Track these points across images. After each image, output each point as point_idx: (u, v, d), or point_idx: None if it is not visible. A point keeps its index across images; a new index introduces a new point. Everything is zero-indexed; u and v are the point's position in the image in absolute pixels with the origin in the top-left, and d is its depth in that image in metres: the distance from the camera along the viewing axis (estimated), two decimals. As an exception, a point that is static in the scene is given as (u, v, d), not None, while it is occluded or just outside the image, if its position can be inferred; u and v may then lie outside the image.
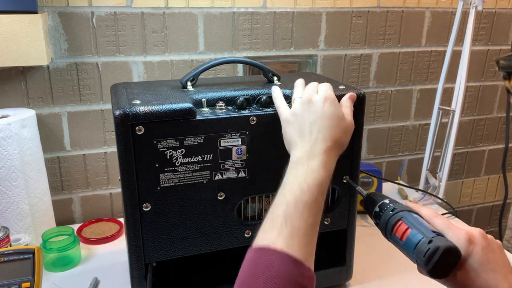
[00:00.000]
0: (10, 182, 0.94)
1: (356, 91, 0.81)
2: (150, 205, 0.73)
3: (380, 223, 0.63)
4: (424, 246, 0.54)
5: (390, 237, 0.60)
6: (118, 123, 0.67)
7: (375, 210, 0.65)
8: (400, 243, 0.58)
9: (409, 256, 0.58)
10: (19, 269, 0.78)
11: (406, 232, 0.57)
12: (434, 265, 0.53)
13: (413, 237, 0.56)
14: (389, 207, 0.63)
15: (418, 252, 0.55)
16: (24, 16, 0.93)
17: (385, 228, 0.61)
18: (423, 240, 0.55)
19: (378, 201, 0.65)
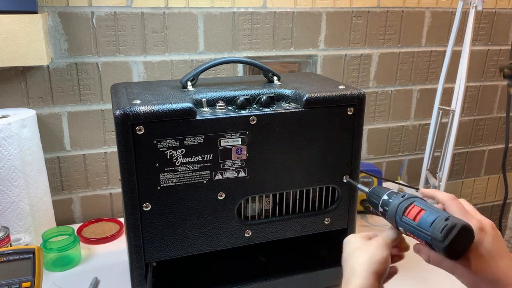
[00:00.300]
0: (10, 182, 0.94)
1: (356, 91, 0.81)
2: (150, 205, 0.73)
3: (390, 208, 0.62)
4: (441, 222, 0.54)
5: (401, 220, 0.60)
6: (118, 123, 0.67)
7: (383, 198, 0.64)
8: (413, 224, 0.57)
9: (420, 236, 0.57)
10: (19, 269, 0.78)
11: (420, 213, 0.57)
12: (451, 241, 0.52)
13: (427, 216, 0.56)
14: (399, 194, 0.63)
15: (434, 229, 0.54)
16: (24, 16, 0.93)
17: (395, 212, 0.61)
18: (439, 217, 0.55)
19: (386, 191, 0.65)
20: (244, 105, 0.76)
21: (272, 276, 0.87)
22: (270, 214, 0.83)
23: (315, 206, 0.85)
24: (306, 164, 0.80)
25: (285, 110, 0.76)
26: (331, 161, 0.82)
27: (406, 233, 0.60)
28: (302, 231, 0.85)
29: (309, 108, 0.77)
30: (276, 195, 0.82)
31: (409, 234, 0.59)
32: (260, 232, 0.82)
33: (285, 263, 0.91)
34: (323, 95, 0.78)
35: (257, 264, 0.92)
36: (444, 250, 0.53)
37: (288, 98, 0.81)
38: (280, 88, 0.83)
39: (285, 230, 0.84)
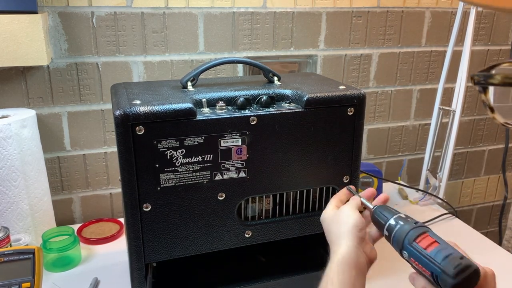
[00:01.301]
0: (10, 182, 0.94)
1: (356, 91, 0.81)
2: (150, 205, 0.73)
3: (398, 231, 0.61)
4: (457, 260, 0.53)
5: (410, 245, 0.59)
6: (119, 123, 0.67)
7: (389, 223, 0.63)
8: (424, 252, 0.56)
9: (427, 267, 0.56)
10: (19, 269, 0.78)
11: (433, 245, 0.56)
12: (462, 280, 0.52)
13: (442, 249, 0.55)
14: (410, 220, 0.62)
15: (447, 264, 0.53)
16: (24, 16, 0.93)
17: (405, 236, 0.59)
18: (454, 254, 0.54)
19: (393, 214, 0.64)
20: (244, 105, 0.76)
21: (272, 276, 0.87)
22: (270, 215, 0.83)
23: (315, 207, 0.85)
24: (306, 164, 0.80)
25: (285, 111, 0.76)
26: (331, 161, 0.82)
27: (410, 260, 0.59)
28: (302, 232, 0.85)
29: (310, 108, 0.77)
30: (276, 196, 0.82)
31: (413, 261, 0.58)
32: (260, 232, 0.82)
33: (285, 263, 0.91)
34: (323, 95, 0.78)
35: (257, 265, 0.92)
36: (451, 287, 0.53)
37: (289, 99, 0.81)
38: (280, 88, 0.83)
39: (285, 231, 0.84)
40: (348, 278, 0.62)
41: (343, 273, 0.62)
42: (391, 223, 0.63)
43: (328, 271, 0.63)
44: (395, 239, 0.61)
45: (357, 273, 0.63)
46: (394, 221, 0.63)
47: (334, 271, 0.62)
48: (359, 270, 0.63)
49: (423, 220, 1.16)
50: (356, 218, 0.67)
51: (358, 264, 0.63)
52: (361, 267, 0.64)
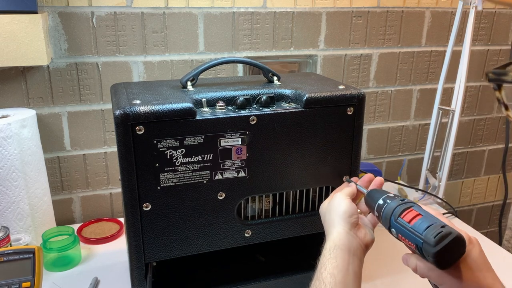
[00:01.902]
0: (10, 182, 0.94)
1: (356, 91, 0.81)
2: (150, 205, 0.73)
3: (386, 209, 0.62)
4: (436, 228, 0.53)
5: (395, 221, 0.59)
6: (119, 123, 0.67)
7: (378, 203, 0.64)
8: (407, 226, 0.57)
9: (411, 239, 0.56)
10: (19, 269, 0.78)
11: (416, 218, 0.57)
12: (442, 248, 0.52)
13: (423, 221, 0.56)
14: (397, 198, 0.63)
15: (428, 233, 0.53)
16: (24, 16, 0.93)
17: (391, 213, 0.61)
18: (435, 224, 0.54)
19: (382, 194, 0.65)
20: (244, 105, 0.76)
21: (272, 276, 0.87)
22: (270, 214, 0.83)
23: (315, 206, 0.85)
24: (306, 164, 0.80)
25: (285, 110, 0.76)
26: (331, 161, 0.82)
27: (398, 236, 0.59)
28: (302, 231, 0.85)
29: (309, 108, 0.77)
30: (276, 195, 0.82)
31: (400, 236, 0.59)
32: (260, 232, 0.82)
33: (285, 263, 0.91)
34: (323, 95, 0.78)
35: (257, 264, 0.92)
36: (433, 256, 0.53)
37: (288, 98, 0.81)
38: (280, 88, 0.83)
39: (285, 230, 0.84)
40: (341, 262, 0.62)
41: (335, 258, 0.63)
42: (380, 203, 0.64)
43: (322, 258, 0.64)
44: (384, 217, 0.62)
45: (350, 257, 0.64)
46: (382, 200, 0.64)
47: (327, 257, 0.63)
48: (352, 254, 0.64)
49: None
50: (346, 205, 0.69)
51: (350, 248, 0.65)
52: (354, 251, 0.65)
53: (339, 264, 0.62)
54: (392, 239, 0.64)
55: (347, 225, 0.67)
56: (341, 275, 0.61)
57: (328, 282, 0.60)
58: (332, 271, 0.61)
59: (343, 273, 0.61)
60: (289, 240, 0.85)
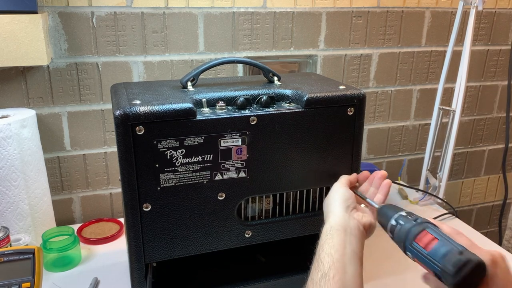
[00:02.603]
0: (10, 182, 0.94)
1: (356, 91, 0.81)
2: (150, 205, 0.73)
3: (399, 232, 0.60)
4: (455, 256, 0.52)
5: (410, 245, 0.58)
6: (119, 123, 0.67)
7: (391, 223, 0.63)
8: (423, 252, 0.55)
9: (429, 266, 0.55)
10: (19, 269, 0.78)
11: (432, 242, 0.55)
12: (463, 278, 0.50)
13: (441, 247, 0.54)
14: (411, 217, 0.61)
15: (446, 262, 0.52)
16: (24, 16, 0.93)
17: (405, 236, 0.59)
18: (454, 250, 0.53)
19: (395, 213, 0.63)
20: (244, 105, 0.76)
21: (272, 276, 0.87)
22: (270, 215, 0.83)
23: (315, 207, 0.85)
24: (306, 164, 0.80)
25: (285, 111, 0.76)
26: (331, 161, 0.82)
27: (414, 260, 0.58)
28: (302, 232, 0.85)
29: (309, 108, 0.77)
30: (276, 196, 0.82)
31: (416, 261, 0.57)
32: (260, 232, 0.82)
33: (285, 263, 0.91)
34: (323, 95, 0.78)
35: (257, 264, 0.92)
36: (453, 286, 0.51)
37: (288, 98, 0.81)
38: (280, 88, 0.83)
39: (285, 230, 0.84)
40: (337, 242, 0.63)
41: (332, 238, 0.64)
42: (392, 224, 0.63)
43: (319, 241, 0.65)
44: (397, 240, 0.61)
45: (347, 236, 0.64)
46: (395, 221, 0.62)
47: (324, 239, 0.64)
48: (349, 233, 0.65)
49: (423, 220, 1.16)
50: (342, 192, 0.72)
51: (346, 228, 0.65)
52: (351, 231, 0.65)
53: (335, 244, 0.63)
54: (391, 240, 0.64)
55: (342, 208, 0.69)
56: (339, 254, 0.61)
57: (326, 262, 0.60)
58: (329, 251, 0.62)
59: (340, 252, 0.62)
60: (289, 241, 0.85)
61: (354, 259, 0.62)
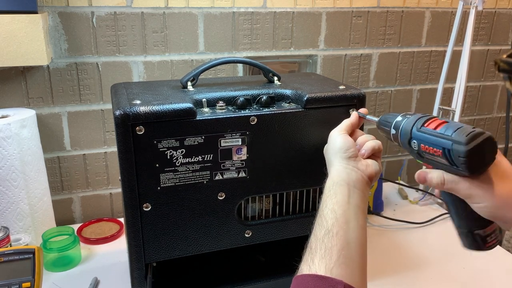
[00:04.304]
0: (10, 182, 0.94)
1: (356, 91, 0.81)
2: (150, 205, 0.73)
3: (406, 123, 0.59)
4: (468, 129, 0.50)
5: (418, 130, 0.56)
6: (119, 123, 0.67)
7: (397, 119, 0.62)
8: (433, 132, 0.54)
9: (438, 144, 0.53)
10: (19, 269, 0.78)
11: (442, 124, 0.54)
12: (475, 147, 0.48)
13: (451, 125, 0.52)
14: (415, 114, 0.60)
15: (459, 133, 0.50)
16: (24, 16, 0.93)
17: (413, 124, 0.58)
18: (465, 126, 0.51)
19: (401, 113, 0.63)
20: (244, 105, 0.76)
21: (272, 276, 0.87)
22: (270, 214, 0.83)
23: (315, 207, 0.85)
24: (306, 164, 0.80)
25: (285, 110, 0.76)
26: (331, 161, 0.82)
27: (419, 147, 0.56)
28: (302, 232, 0.85)
29: (309, 108, 0.77)
30: (276, 195, 0.82)
31: (423, 147, 0.55)
32: (260, 232, 0.82)
33: (285, 263, 0.91)
34: (323, 95, 0.78)
35: (257, 264, 0.92)
36: (465, 155, 0.49)
37: (288, 98, 0.81)
38: (280, 88, 0.83)
39: (285, 230, 0.84)
40: (340, 197, 0.62)
41: (335, 194, 0.62)
42: (398, 119, 0.62)
43: (323, 196, 0.64)
44: (403, 130, 0.59)
45: (350, 190, 0.63)
46: (402, 117, 0.62)
47: (327, 194, 0.63)
48: (352, 187, 0.64)
49: (423, 220, 1.16)
50: (341, 141, 0.69)
51: (349, 182, 0.64)
52: (354, 184, 0.64)
53: (339, 199, 0.62)
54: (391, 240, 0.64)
55: (343, 160, 0.67)
56: (342, 209, 0.61)
57: (329, 218, 0.60)
58: (333, 207, 0.61)
59: (344, 207, 0.61)
60: (289, 241, 0.85)
61: (358, 213, 0.61)
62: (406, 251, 1.00)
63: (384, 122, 0.66)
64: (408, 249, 1.01)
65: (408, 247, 1.03)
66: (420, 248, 1.03)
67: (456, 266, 0.96)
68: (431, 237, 1.09)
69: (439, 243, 1.06)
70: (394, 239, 1.07)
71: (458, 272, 0.95)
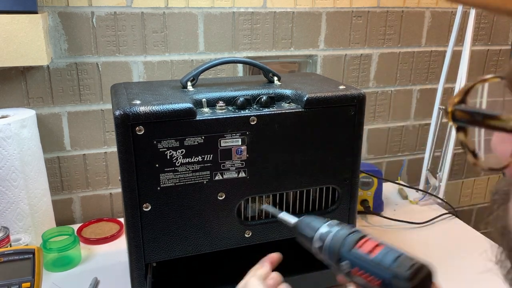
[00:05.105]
0: (10, 182, 0.94)
1: (356, 91, 0.81)
2: (150, 205, 0.73)
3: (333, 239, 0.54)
4: (409, 260, 0.48)
5: (349, 253, 0.51)
6: (118, 123, 0.67)
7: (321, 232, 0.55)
8: (367, 258, 0.50)
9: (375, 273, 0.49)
10: (19, 269, 0.78)
11: (378, 248, 0.50)
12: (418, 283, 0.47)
13: (390, 251, 0.49)
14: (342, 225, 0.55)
15: (400, 266, 0.48)
16: (24, 16, 0.93)
17: (341, 243, 0.52)
18: (404, 255, 0.49)
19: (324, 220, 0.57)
20: (244, 105, 0.76)
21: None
22: (270, 215, 0.83)
23: (316, 207, 0.85)
24: (306, 164, 0.80)
25: (285, 111, 0.76)
26: (332, 162, 0.82)
27: (352, 271, 0.51)
28: (302, 231, 0.85)
29: (310, 108, 0.77)
30: (276, 196, 0.82)
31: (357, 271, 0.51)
32: (260, 232, 0.82)
33: (285, 263, 0.91)
34: (323, 95, 0.78)
35: (257, 264, 0.91)
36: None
37: (288, 98, 0.81)
38: (280, 88, 0.83)
39: (285, 230, 0.84)
40: None
41: None
42: (323, 231, 0.55)
43: None
44: (330, 248, 0.53)
45: None
46: (327, 227, 0.55)
47: None
48: None
49: (423, 220, 1.16)
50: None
51: None
52: None
53: None
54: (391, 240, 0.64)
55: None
56: None
57: None
58: None
59: None
60: (290, 241, 0.85)
61: None
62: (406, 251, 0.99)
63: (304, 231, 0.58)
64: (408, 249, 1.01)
65: (408, 247, 1.03)
66: (420, 248, 1.03)
67: (456, 266, 0.96)
68: (431, 237, 1.09)
69: (439, 243, 1.06)
70: (394, 239, 1.07)
71: (458, 272, 0.95)
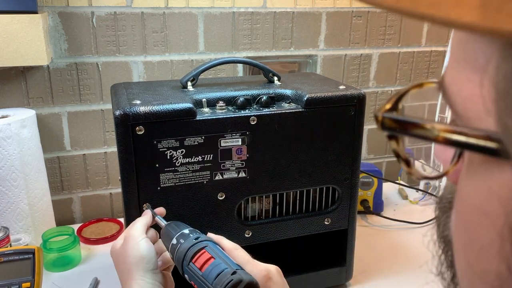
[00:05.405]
0: (10, 182, 0.94)
1: (356, 91, 0.81)
2: (150, 205, 0.73)
3: (178, 252, 0.55)
4: (227, 277, 0.50)
5: (187, 267, 0.53)
6: (118, 123, 0.67)
7: (172, 243, 0.57)
8: (198, 274, 0.52)
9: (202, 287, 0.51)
10: (19, 269, 0.78)
11: (208, 262, 0.52)
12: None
13: (215, 266, 0.51)
14: (192, 235, 0.57)
15: (218, 283, 0.50)
16: (24, 16, 0.93)
17: (183, 257, 0.54)
18: (226, 270, 0.51)
19: (179, 230, 0.58)
20: (244, 105, 0.76)
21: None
22: (270, 215, 0.83)
23: (315, 207, 0.85)
24: (306, 164, 0.80)
25: (285, 111, 0.76)
26: (331, 161, 0.82)
27: (191, 283, 0.54)
28: (302, 232, 0.85)
29: (310, 108, 0.77)
30: (276, 196, 0.82)
31: (194, 284, 0.53)
32: (260, 232, 0.82)
33: (285, 263, 0.91)
34: (323, 95, 0.78)
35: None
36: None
37: (289, 98, 0.81)
38: (280, 88, 0.83)
39: (285, 231, 0.84)
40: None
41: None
42: (173, 243, 0.57)
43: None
44: (176, 261, 0.56)
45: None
46: (176, 240, 0.57)
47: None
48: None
49: (423, 220, 1.16)
50: (145, 247, 0.58)
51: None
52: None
53: None
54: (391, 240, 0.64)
55: (147, 274, 0.57)
56: None
57: None
58: None
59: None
60: (290, 241, 0.85)
61: None
62: (406, 251, 1.00)
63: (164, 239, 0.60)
64: (408, 249, 1.01)
65: (408, 247, 1.03)
66: (420, 248, 1.03)
67: (456, 266, 0.96)
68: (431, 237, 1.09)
69: (439, 243, 1.06)
70: (394, 239, 1.07)
71: (458, 272, 0.95)
